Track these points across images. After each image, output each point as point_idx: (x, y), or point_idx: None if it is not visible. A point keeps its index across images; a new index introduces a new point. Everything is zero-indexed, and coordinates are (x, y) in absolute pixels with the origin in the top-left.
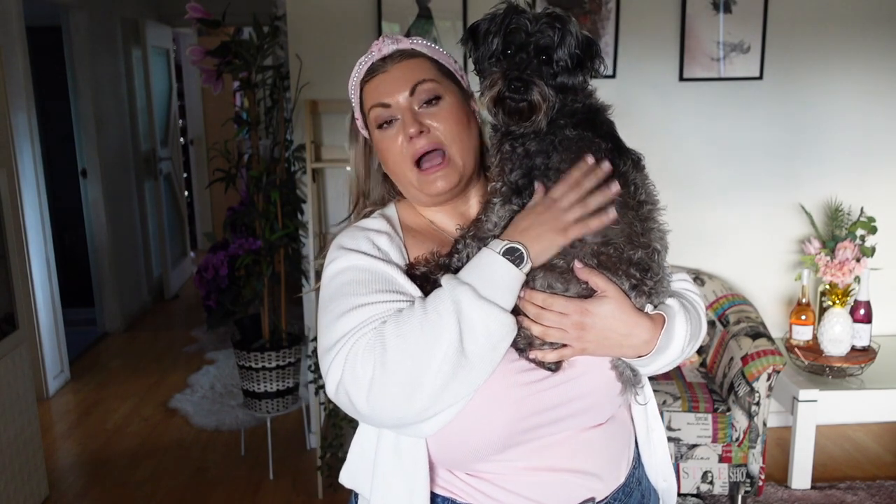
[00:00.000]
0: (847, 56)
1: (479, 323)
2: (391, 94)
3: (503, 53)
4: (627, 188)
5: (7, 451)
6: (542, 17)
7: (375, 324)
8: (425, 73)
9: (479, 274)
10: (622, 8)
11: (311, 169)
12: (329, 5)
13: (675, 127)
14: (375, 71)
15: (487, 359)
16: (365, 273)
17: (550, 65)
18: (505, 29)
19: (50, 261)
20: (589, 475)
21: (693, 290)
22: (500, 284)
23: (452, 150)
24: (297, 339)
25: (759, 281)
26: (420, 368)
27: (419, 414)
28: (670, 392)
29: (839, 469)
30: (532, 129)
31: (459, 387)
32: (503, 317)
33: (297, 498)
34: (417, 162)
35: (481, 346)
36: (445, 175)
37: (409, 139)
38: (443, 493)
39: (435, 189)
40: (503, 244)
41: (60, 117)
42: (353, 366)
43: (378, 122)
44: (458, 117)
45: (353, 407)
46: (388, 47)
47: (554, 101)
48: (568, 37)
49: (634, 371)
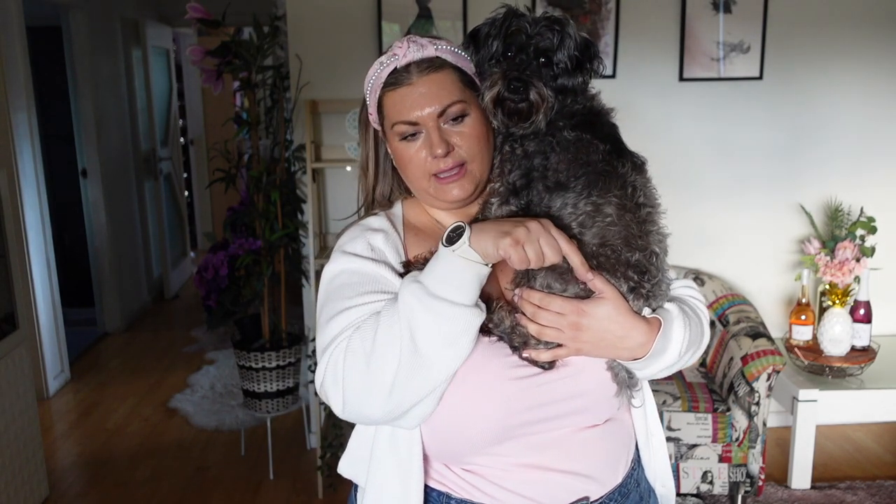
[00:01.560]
0: (847, 56)
1: (428, 322)
2: (418, 111)
3: (503, 55)
4: (625, 189)
5: (7, 451)
6: (541, 20)
7: (354, 328)
8: (453, 91)
9: (431, 271)
10: (622, 8)
11: (311, 169)
12: (329, 5)
13: (675, 127)
14: (399, 81)
15: (447, 355)
16: (355, 276)
17: (550, 67)
18: (505, 32)
19: (50, 261)
20: (583, 475)
21: (697, 296)
22: (450, 279)
23: (473, 165)
24: (297, 339)
25: (759, 281)
26: (381, 371)
27: (391, 412)
28: (670, 392)
29: (839, 469)
30: (531, 129)
31: (423, 383)
32: (454, 311)
33: (297, 498)
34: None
35: (435, 343)
36: (462, 185)
37: (433, 157)
38: (438, 488)
39: (451, 197)
40: (446, 236)
41: (60, 117)
42: (333, 368)
43: (402, 135)
44: (481, 133)
45: (332, 408)
46: (413, 54)
47: (553, 102)
48: (567, 39)
49: (630, 373)
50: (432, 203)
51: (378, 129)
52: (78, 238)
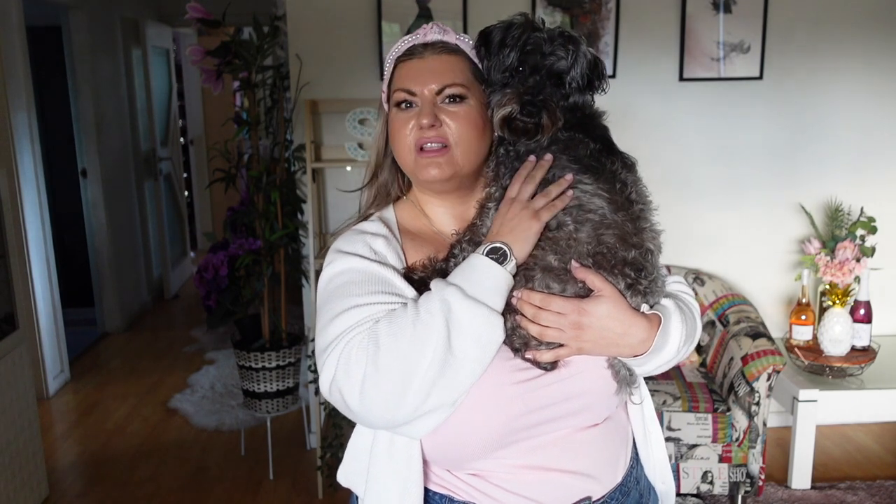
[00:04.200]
0: (847, 56)
1: (466, 322)
2: (420, 83)
3: (516, 70)
4: (613, 184)
5: (7, 451)
6: (556, 37)
7: (369, 324)
8: (458, 75)
9: (465, 275)
10: (622, 8)
11: (311, 169)
12: (329, 5)
13: (675, 127)
14: (413, 54)
15: (476, 359)
16: (360, 275)
17: (562, 87)
18: (522, 46)
19: (50, 261)
20: (585, 475)
21: (688, 291)
22: (487, 285)
23: (457, 150)
24: (297, 339)
25: (759, 281)
26: (410, 367)
27: (410, 413)
28: (670, 392)
29: (839, 469)
30: (533, 145)
31: (448, 386)
32: (492, 317)
33: (297, 498)
34: (420, 147)
35: (469, 345)
36: (440, 165)
37: (419, 127)
38: (440, 491)
39: (427, 175)
40: (486, 246)
41: (60, 117)
42: (346, 364)
43: (397, 101)
44: (474, 122)
45: (345, 405)
46: (433, 35)
47: (562, 122)
48: (581, 59)
49: (630, 370)
50: (416, 183)
51: (385, 107)
52: (78, 238)
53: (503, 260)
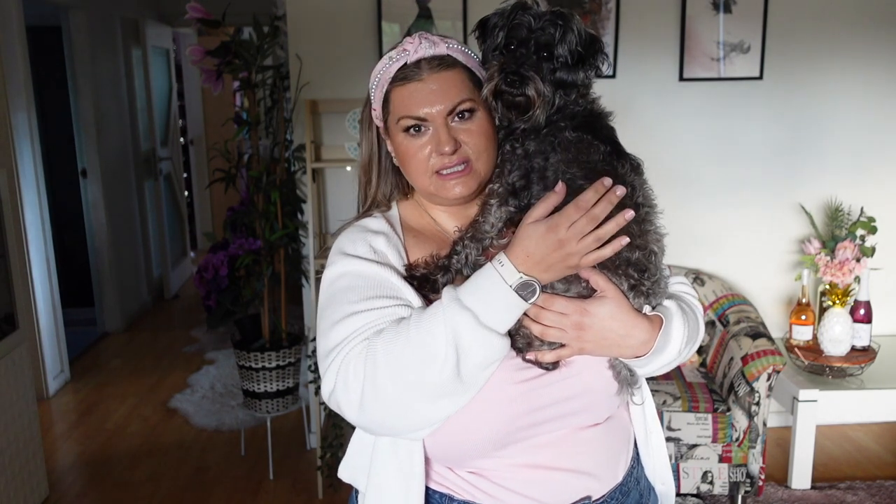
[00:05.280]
0: (847, 56)
1: (476, 350)
2: (427, 107)
3: (505, 47)
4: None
5: (7, 451)
6: (546, 14)
7: (368, 333)
8: (463, 89)
9: (485, 301)
10: (622, 8)
11: (311, 169)
12: (329, 5)
13: (675, 127)
14: (409, 77)
15: (481, 378)
16: (360, 279)
17: (551, 61)
18: (510, 24)
19: (50, 261)
20: (585, 474)
21: (691, 292)
22: (504, 316)
23: (478, 163)
24: (297, 340)
25: (759, 281)
26: (411, 389)
27: (410, 428)
28: (670, 392)
29: (839, 469)
30: (531, 124)
31: (451, 405)
32: (501, 342)
33: (297, 498)
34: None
35: (476, 369)
36: (466, 182)
37: (439, 154)
38: (440, 490)
39: (453, 194)
40: (518, 278)
41: (60, 117)
42: (345, 378)
43: (406, 127)
44: (488, 131)
45: (345, 416)
46: (424, 50)
47: (550, 96)
48: (570, 34)
49: (632, 371)
50: (431, 200)
51: (380, 126)
52: (78, 238)
53: (531, 297)
